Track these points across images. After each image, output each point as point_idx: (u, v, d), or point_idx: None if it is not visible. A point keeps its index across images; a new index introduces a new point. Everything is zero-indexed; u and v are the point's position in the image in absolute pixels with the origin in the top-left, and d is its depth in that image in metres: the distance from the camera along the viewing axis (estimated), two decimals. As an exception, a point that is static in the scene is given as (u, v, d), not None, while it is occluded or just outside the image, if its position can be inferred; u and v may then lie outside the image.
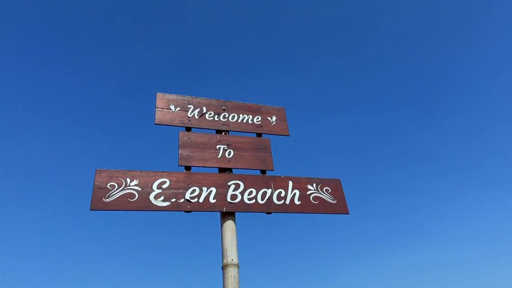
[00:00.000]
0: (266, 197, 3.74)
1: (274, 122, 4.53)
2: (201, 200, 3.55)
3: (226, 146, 4.06)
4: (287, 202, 3.78)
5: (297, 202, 3.81)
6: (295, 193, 3.86)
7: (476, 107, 19.56)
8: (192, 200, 3.52)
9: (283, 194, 3.82)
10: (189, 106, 4.27)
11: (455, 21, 19.35)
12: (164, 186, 3.55)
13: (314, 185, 3.99)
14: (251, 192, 3.73)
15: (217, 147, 4.02)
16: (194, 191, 3.58)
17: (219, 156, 3.95)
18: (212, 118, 4.27)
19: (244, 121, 4.39)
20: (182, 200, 3.49)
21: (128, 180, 3.50)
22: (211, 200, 3.58)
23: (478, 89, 19.50)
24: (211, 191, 3.63)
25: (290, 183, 3.93)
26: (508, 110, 18.28)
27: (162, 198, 3.46)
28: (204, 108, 4.31)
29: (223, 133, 4.21)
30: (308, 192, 3.91)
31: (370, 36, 20.55)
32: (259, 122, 4.45)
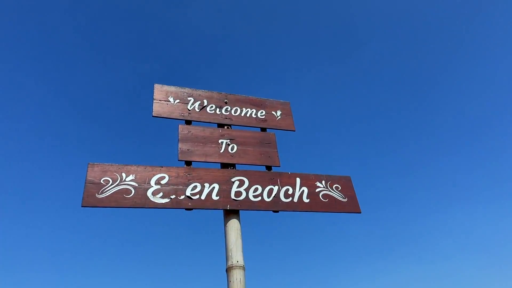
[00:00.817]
0: (273, 195, 3.48)
1: (279, 117, 4.28)
2: (203, 197, 3.27)
3: (229, 140, 3.79)
4: (295, 200, 3.52)
5: (305, 200, 3.55)
6: (303, 191, 3.60)
7: (473, 118, 19.49)
8: (193, 197, 3.24)
9: (290, 192, 3.56)
10: (189, 98, 4.01)
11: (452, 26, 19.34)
12: (163, 181, 3.27)
13: (323, 182, 3.74)
14: (256, 189, 3.47)
15: (220, 141, 3.76)
16: (195, 187, 3.31)
17: (221, 151, 3.69)
18: (213, 112, 4.01)
19: (248, 115, 4.14)
20: (182, 197, 3.22)
21: (124, 175, 3.22)
22: (214, 197, 3.31)
23: (477, 92, 19.45)
24: (213, 187, 3.36)
25: (298, 180, 3.67)
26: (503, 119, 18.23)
27: (160, 194, 3.18)
28: (205, 101, 4.05)
29: (225, 127, 3.95)
30: (317, 190, 3.66)
31: (376, 33, 20.43)
32: (263, 116, 4.20)
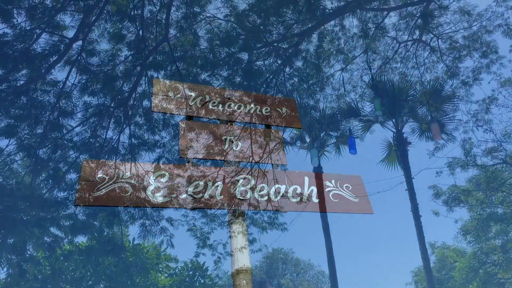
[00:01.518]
0: (280, 194, 3.27)
1: (285, 114, 4.07)
2: (206, 196, 3.06)
3: (232, 137, 3.59)
4: (304, 200, 3.31)
5: (315, 200, 3.34)
6: (312, 190, 3.39)
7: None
8: (195, 196, 3.03)
9: (299, 191, 3.35)
10: (190, 93, 3.80)
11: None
12: (163, 179, 3.05)
13: (333, 181, 3.53)
14: (262, 188, 3.26)
15: (223, 138, 3.55)
16: (198, 185, 3.10)
17: (225, 148, 3.48)
18: (216, 107, 3.80)
19: (252, 111, 3.93)
20: (184, 196, 3.01)
21: (121, 172, 3.01)
22: (218, 196, 3.09)
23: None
24: (217, 186, 3.15)
25: (306, 179, 3.46)
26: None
27: (161, 193, 2.97)
28: (207, 97, 3.84)
29: (228, 123, 3.74)
30: (327, 189, 3.45)
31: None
32: (268, 113, 3.99)
